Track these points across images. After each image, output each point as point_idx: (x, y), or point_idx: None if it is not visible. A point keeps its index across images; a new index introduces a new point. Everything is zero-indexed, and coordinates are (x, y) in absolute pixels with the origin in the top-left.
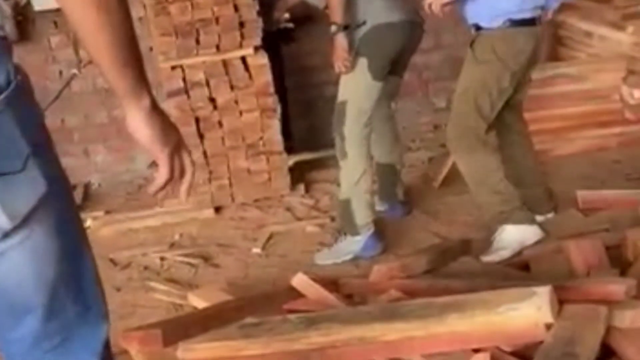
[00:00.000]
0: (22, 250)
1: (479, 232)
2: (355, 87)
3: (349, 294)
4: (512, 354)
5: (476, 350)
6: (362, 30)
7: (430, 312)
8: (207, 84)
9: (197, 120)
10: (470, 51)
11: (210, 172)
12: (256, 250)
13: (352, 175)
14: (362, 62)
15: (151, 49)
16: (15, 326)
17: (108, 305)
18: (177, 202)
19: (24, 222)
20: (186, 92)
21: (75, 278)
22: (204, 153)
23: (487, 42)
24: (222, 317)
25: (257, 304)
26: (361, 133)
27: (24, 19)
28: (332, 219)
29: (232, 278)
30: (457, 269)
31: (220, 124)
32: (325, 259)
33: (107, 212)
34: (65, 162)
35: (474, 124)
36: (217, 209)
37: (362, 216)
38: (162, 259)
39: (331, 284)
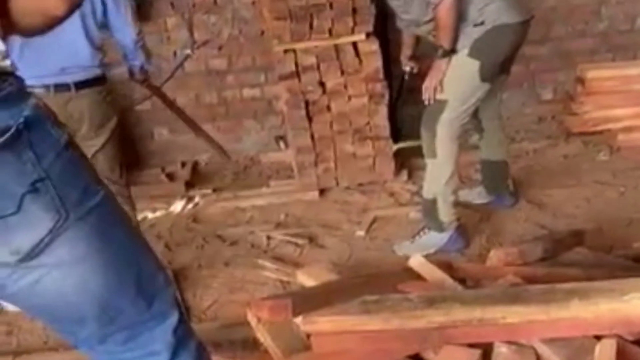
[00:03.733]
0: (51, 276)
1: (585, 224)
2: (461, 89)
3: (462, 278)
4: (635, 342)
5: (598, 337)
6: (479, 31)
7: (552, 297)
8: (318, 68)
9: (306, 103)
10: None
11: (317, 155)
12: (360, 233)
13: (440, 176)
14: (474, 64)
15: (262, 32)
16: (77, 331)
17: (176, 291)
18: (283, 184)
19: (40, 252)
20: (297, 75)
21: (129, 282)
22: (312, 136)
23: None
24: (343, 293)
25: (373, 282)
26: (455, 133)
27: (143, 0)
28: None
29: (337, 259)
30: (571, 259)
31: (328, 107)
32: (406, 250)
33: (215, 190)
34: (176, 139)
35: None
36: (322, 192)
37: (447, 214)
38: (268, 237)
39: (445, 267)
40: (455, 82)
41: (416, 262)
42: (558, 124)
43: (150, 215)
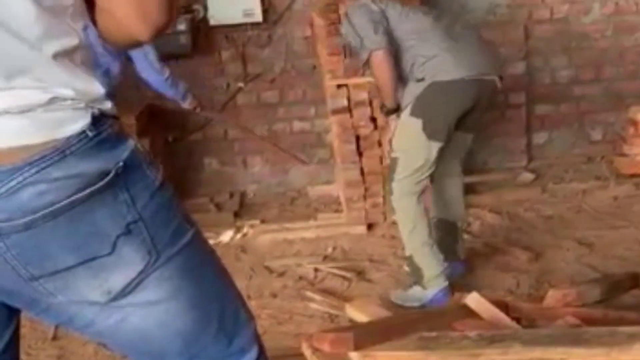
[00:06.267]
0: (138, 314)
1: (636, 267)
2: (408, 146)
3: (517, 317)
4: None
5: None
6: (419, 87)
7: (614, 340)
8: (370, 103)
9: (357, 138)
10: None
11: (366, 190)
12: (407, 268)
13: (403, 231)
14: (416, 122)
15: (314, 66)
16: None
17: (257, 325)
18: (331, 217)
19: (129, 292)
20: (349, 110)
21: (213, 319)
22: (361, 170)
23: None
24: (401, 328)
25: (429, 319)
26: (410, 190)
27: (199, 33)
28: (486, 244)
29: (385, 294)
30: (628, 302)
31: (379, 143)
32: (397, 299)
33: (262, 222)
34: (225, 170)
35: None
36: (369, 226)
37: (429, 269)
38: (316, 270)
39: (501, 306)
40: (402, 140)
41: (473, 300)
42: (607, 165)
43: None
